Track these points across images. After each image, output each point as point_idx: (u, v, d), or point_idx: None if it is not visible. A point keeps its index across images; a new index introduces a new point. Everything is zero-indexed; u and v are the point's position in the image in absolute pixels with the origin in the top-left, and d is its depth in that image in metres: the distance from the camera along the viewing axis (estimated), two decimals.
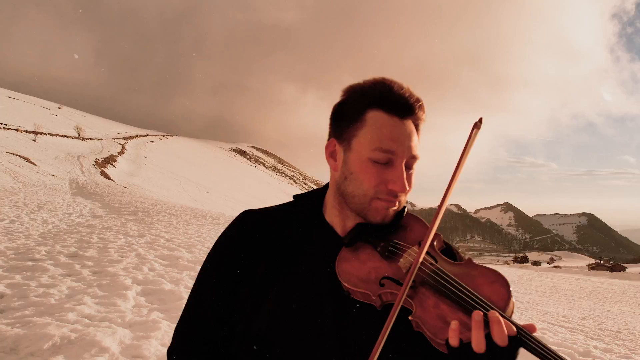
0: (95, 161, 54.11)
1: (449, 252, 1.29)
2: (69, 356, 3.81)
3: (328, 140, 1.31)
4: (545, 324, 11.40)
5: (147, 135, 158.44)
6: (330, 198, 1.32)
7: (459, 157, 1.12)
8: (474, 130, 1.12)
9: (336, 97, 1.30)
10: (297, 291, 1.21)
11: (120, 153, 76.53)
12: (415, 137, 1.21)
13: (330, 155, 1.30)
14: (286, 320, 1.18)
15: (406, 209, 1.29)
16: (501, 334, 0.93)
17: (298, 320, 1.18)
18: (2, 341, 3.95)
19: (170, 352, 1.30)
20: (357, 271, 1.14)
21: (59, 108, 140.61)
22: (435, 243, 1.19)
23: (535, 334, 0.96)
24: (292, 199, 1.42)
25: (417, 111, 1.22)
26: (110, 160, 61.82)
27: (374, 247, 1.20)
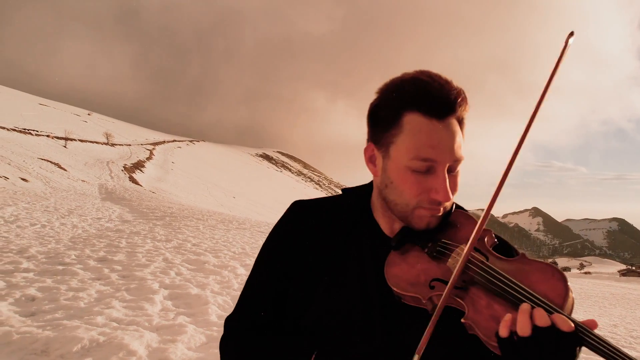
0: (123, 167, 54.78)
1: (503, 247, 1.21)
2: (98, 359, 3.88)
3: (367, 143, 1.25)
4: None
5: (175, 140, 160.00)
6: (375, 198, 1.30)
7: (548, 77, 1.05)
8: (568, 40, 1.04)
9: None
10: (346, 288, 1.21)
11: (148, 158, 77.33)
12: (458, 138, 1.12)
13: (370, 160, 1.25)
14: (334, 316, 1.18)
15: (454, 205, 1.23)
16: (542, 319, 0.89)
17: (346, 318, 1.17)
18: (33, 343, 4.03)
19: (228, 320, 1.34)
20: (406, 275, 1.11)
21: (88, 115, 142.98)
22: (486, 239, 1.12)
23: (596, 331, 0.90)
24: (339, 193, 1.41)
25: (458, 107, 1.12)
26: (139, 165, 62.51)
27: (422, 248, 1.15)
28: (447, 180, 1.11)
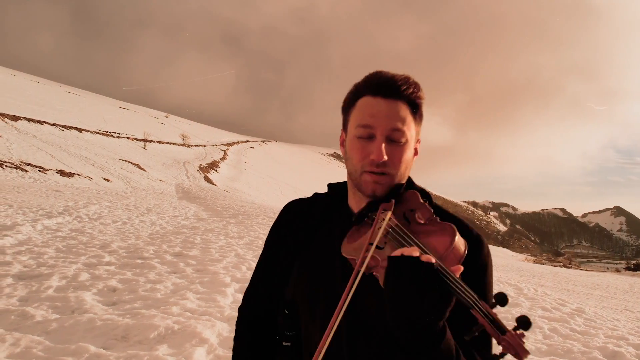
0: (199, 167, 56.04)
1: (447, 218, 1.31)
2: (173, 345, 4.10)
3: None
4: None
5: (247, 141, 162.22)
6: (348, 184, 1.45)
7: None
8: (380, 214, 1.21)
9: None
10: (314, 262, 1.40)
11: (223, 159, 78.66)
12: (401, 113, 1.27)
13: (341, 144, 1.43)
14: (305, 287, 1.38)
15: (404, 184, 1.35)
16: (408, 252, 1.02)
17: (314, 287, 1.36)
18: (114, 329, 4.30)
19: (239, 309, 1.64)
20: (354, 243, 1.24)
21: (166, 117, 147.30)
22: (419, 213, 1.23)
23: (457, 276, 1.02)
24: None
25: (405, 90, 1.28)
26: (213, 165, 63.78)
27: (368, 218, 1.29)
28: (385, 145, 1.26)
